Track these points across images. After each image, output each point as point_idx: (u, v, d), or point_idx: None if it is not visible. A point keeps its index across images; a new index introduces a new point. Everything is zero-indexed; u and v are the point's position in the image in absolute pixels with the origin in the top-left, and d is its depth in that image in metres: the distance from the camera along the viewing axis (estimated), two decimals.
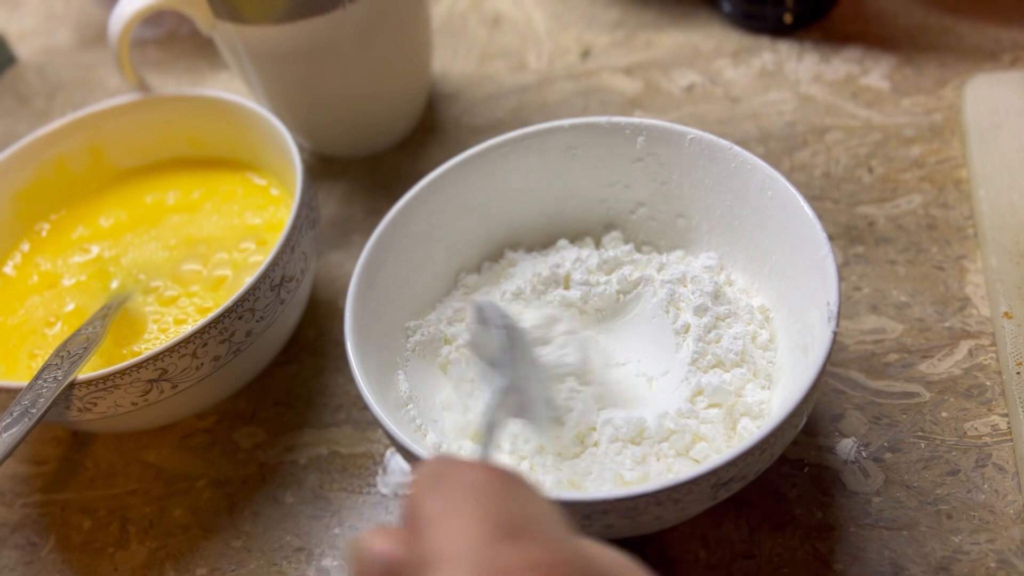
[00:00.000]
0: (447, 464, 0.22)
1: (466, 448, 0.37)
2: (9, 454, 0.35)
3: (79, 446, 0.46)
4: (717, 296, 0.39)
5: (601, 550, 0.21)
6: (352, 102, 0.53)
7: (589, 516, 0.30)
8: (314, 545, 0.40)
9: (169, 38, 0.73)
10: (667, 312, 0.39)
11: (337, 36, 0.49)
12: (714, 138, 0.40)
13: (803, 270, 0.36)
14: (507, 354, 0.33)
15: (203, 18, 0.50)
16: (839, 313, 0.33)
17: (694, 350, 0.37)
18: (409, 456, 0.33)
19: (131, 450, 0.45)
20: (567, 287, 0.41)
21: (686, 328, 0.38)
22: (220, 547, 0.41)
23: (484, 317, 0.34)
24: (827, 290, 0.33)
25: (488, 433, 0.29)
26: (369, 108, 0.54)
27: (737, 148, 0.39)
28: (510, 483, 0.22)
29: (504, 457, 0.36)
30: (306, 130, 0.56)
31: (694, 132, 0.40)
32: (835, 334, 0.32)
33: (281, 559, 0.40)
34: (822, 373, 0.31)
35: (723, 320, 0.38)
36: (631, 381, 0.38)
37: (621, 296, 0.41)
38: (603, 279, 0.41)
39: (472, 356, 0.38)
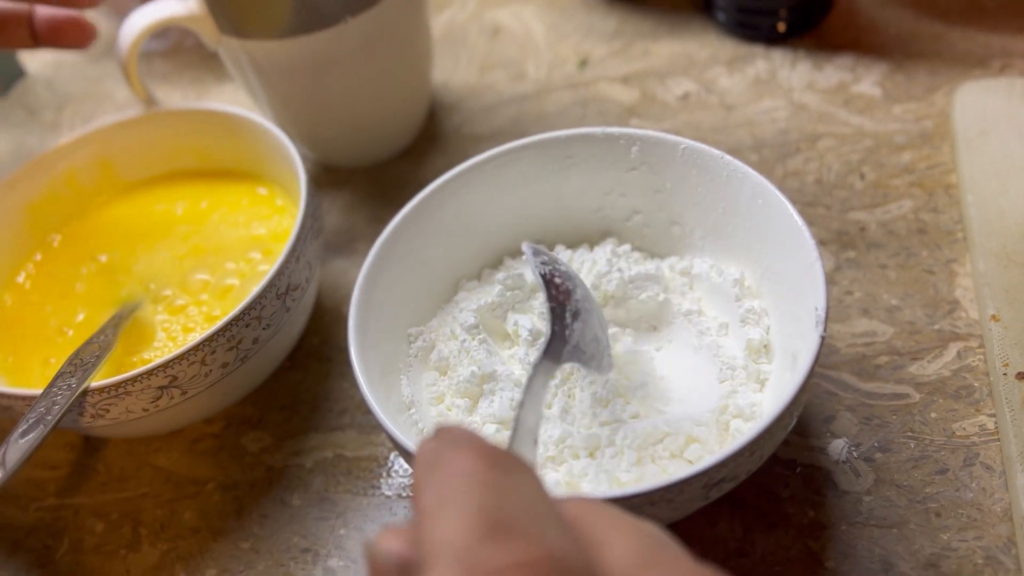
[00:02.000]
0: (443, 446, 0.22)
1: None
2: (27, 459, 0.36)
3: (91, 451, 0.47)
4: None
5: (623, 531, 0.21)
6: (355, 113, 0.55)
7: None
8: (320, 546, 0.41)
9: (175, 50, 0.74)
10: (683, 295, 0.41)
11: (339, 50, 0.50)
12: (705, 147, 0.41)
13: (794, 276, 0.37)
14: (551, 299, 0.33)
15: (209, 34, 0.51)
16: (827, 318, 0.34)
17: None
18: (411, 459, 0.34)
19: (142, 455, 0.46)
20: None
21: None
22: (229, 549, 0.42)
23: (529, 260, 0.35)
24: (816, 296, 0.34)
25: (529, 388, 0.28)
26: (371, 119, 0.56)
27: (728, 157, 0.40)
28: (502, 471, 0.21)
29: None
30: (310, 141, 0.57)
31: (686, 142, 0.41)
32: (823, 338, 0.33)
33: (289, 560, 0.41)
34: (810, 377, 0.32)
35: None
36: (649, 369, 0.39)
37: (632, 289, 0.42)
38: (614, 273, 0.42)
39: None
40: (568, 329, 0.33)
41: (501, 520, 0.20)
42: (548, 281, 0.34)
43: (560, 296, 0.34)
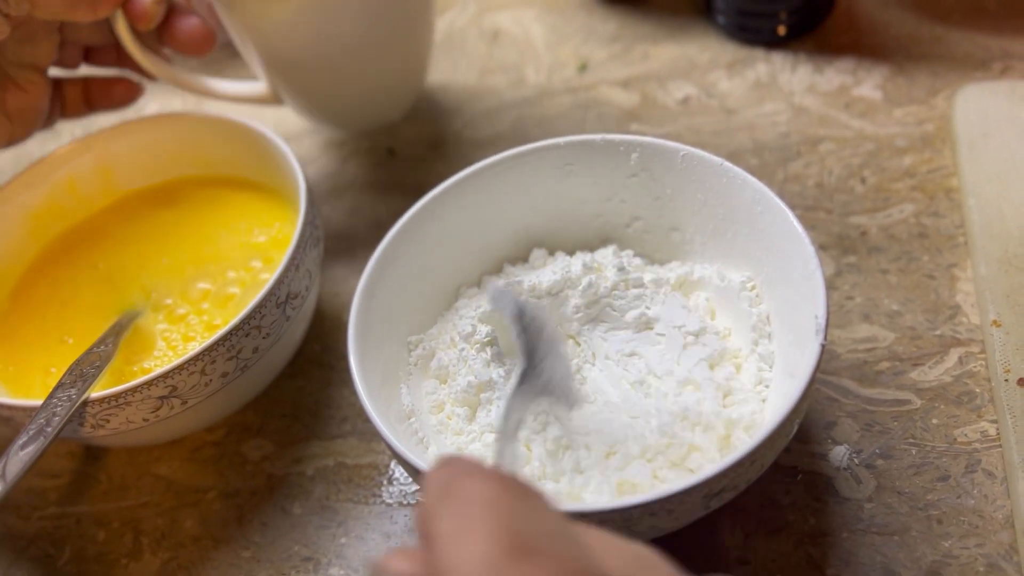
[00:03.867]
0: (456, 474, 0.22)
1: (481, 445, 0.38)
2: (27, 471, 0.36)
3: (92, 460, 0.47)
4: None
5: (619, 555, 0.22)
6: (350, 68, 0.53)
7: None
8: (321, 555, 0.41)
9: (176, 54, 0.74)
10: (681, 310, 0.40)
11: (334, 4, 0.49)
12: (705, 154, 0.41)
13: (794, 282, 0.37)
14: (522, 338, 0.33)
15: None
16: (827, 326, 0.34)
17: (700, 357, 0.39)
18: (411, 469, 0.34)
19: (143, 463, 0.46)
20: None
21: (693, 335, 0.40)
22: (230, 557, 0.42)
23: (497, 303, 0.35)
24: (815, 303, 0.34)
25: (507, 421, 0.28)
26: (371, 76, 0.54)
27: (727, 164, 0.40)
28: (520, 497, 0.22)
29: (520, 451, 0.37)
30: (302, 98, 0.55)
31: (686, 148, 0.41)
32: (823, 346, 0.33)
33: (290, 569, 0.41)
34: (811, 385, 0.32)
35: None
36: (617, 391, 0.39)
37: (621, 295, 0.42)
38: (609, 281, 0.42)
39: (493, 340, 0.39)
40: (539, 366, 0.34)
41: (525, 540, 0.20)
42: (519, 319, 0.35)
43: (531, 335, 0.34)
